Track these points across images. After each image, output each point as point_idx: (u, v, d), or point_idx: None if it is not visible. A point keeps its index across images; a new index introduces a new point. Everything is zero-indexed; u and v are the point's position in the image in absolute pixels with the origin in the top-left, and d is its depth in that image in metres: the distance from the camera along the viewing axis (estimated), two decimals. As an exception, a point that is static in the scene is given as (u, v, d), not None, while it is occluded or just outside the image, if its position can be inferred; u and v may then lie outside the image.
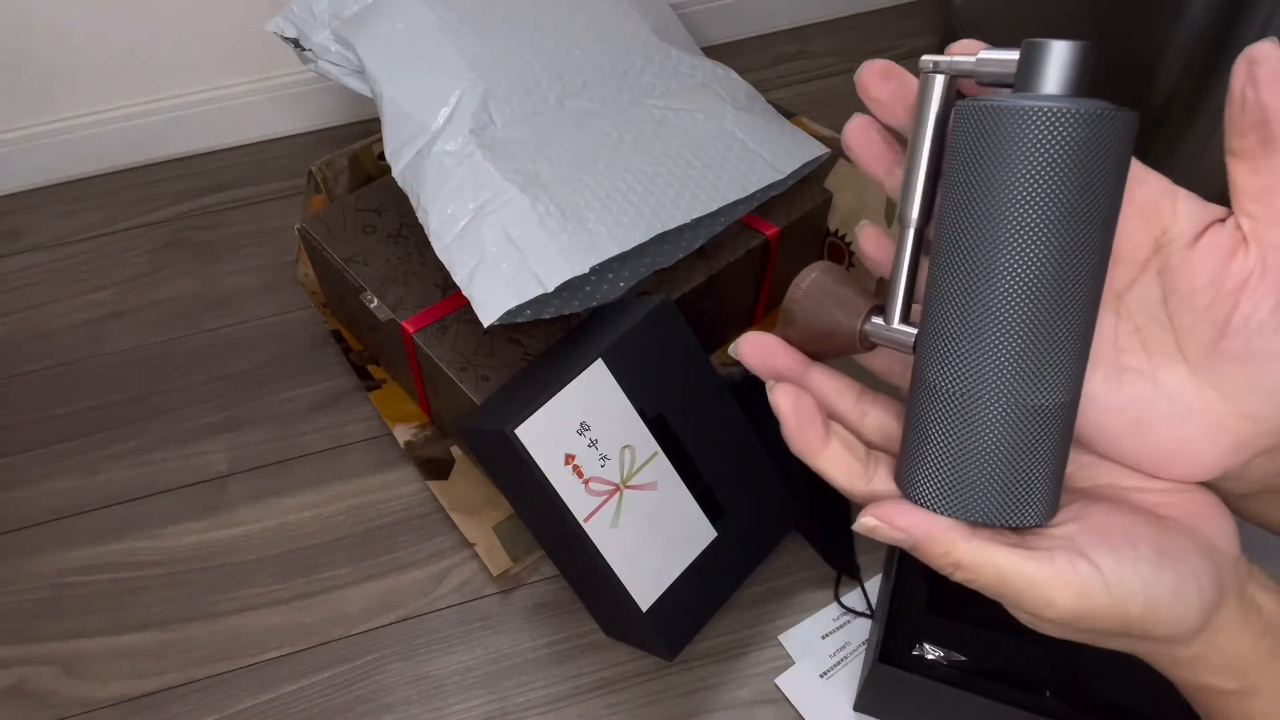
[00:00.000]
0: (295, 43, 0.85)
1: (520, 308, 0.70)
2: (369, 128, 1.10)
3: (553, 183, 0.75)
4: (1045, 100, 0.29)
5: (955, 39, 0.34)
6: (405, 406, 0.87)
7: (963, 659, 0.68)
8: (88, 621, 0.77)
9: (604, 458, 0.65)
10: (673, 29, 0.92)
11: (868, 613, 0.75)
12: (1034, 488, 0.33)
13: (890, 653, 0.67)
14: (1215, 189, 0.96)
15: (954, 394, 0.32)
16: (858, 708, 0.70)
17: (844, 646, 0.74)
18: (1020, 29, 1.02)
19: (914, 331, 0.35)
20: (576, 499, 0.64)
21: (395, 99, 0.78)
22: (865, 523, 0.35)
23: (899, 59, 1.18)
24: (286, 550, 0.80)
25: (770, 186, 0.81)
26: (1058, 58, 0.29)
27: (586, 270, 0.70)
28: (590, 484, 0.65)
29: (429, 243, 0.75)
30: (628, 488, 0.66)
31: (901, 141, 0.36)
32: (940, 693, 0.64)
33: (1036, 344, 0.31)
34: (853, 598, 0.76)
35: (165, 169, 1.09)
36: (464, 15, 0.82)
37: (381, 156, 0.90)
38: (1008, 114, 0.29)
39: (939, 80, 0.33)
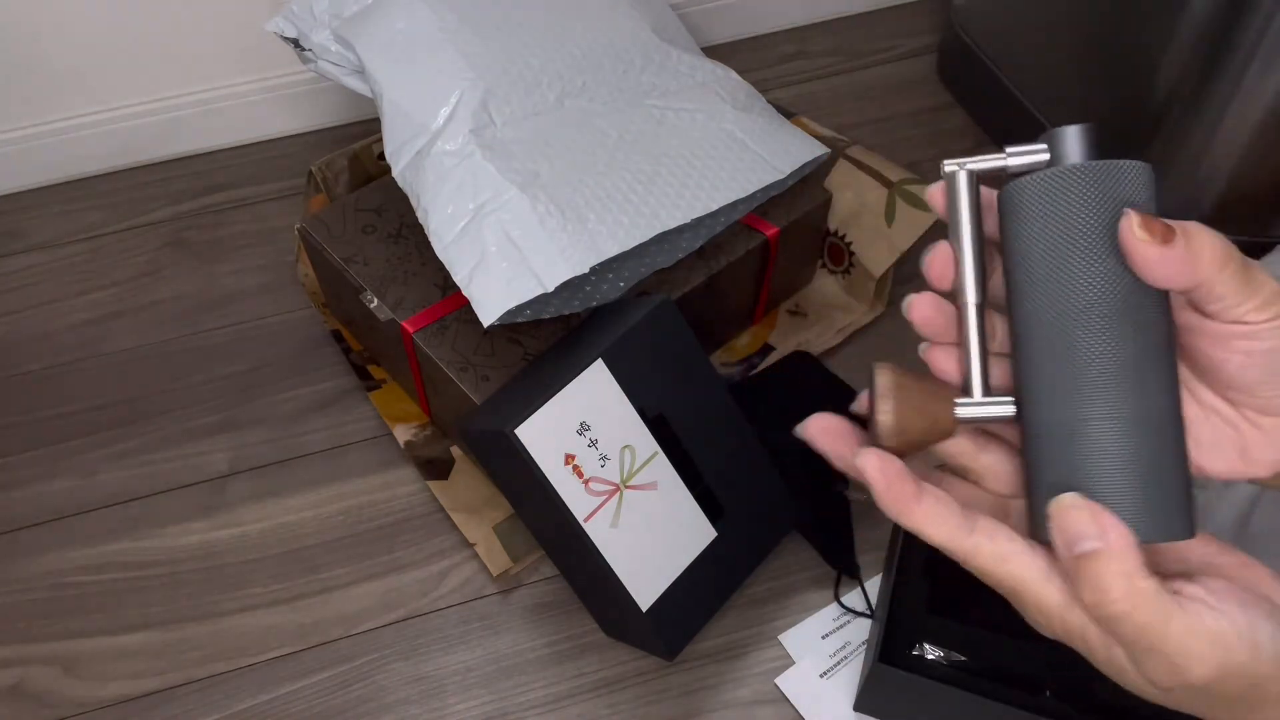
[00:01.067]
0: (295, 43, 0.85)
1: (520, 308, 0.70)
2: (369, 128, 1.10)
3: (553, 182, 0.74)
4: (1098, 162, 0.34)
5: (955, 39, 0.35)
6: (405, 406, 0.87)
7: (963, 659, 0.68)
8: (88, 621, 0.77)
9: (604, 458, 0.65)
10: (672, 29, 0.92)
11: (868, 613, 0.75)
12: (1179, 502, 0.35)
13: (890, 653, 0.67)
14: (1216, 189, 0.96)
15: (1070, 425, 0.35)
16: (858, 708, 0.70)
17: (844, 646, 0.74)
18: (1020, 29, 1.02)
19: (1007, 400, 0.37)
20: (576, 499, 0.64)
21: (395, 99, 0.78)
22: (1074, 527, 0.34)
23: (899, 59, 1.18)
24: (286, 550, 0.80)
25: (770, 186, 0.81)
26: (1084, 136, 0.36)
27: (587, 270, 0.70)
28: (590, 484, 0.65)
29: (429, 243, 0.74)
30: (628, 488, 0.66)
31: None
32: (940, 693, 0.64)
33: (1135, 356, 0.34)
34: (853, 598, 0.76)
35: (165, 169, 1.09)
36: (464, 15, 0.82)
37: (381, 156, 0.90)
38: (1080, 173, 0.34)
39: (964, 176, 0.37)
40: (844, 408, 0.47)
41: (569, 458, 0.64)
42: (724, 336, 0.90)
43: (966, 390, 0.38)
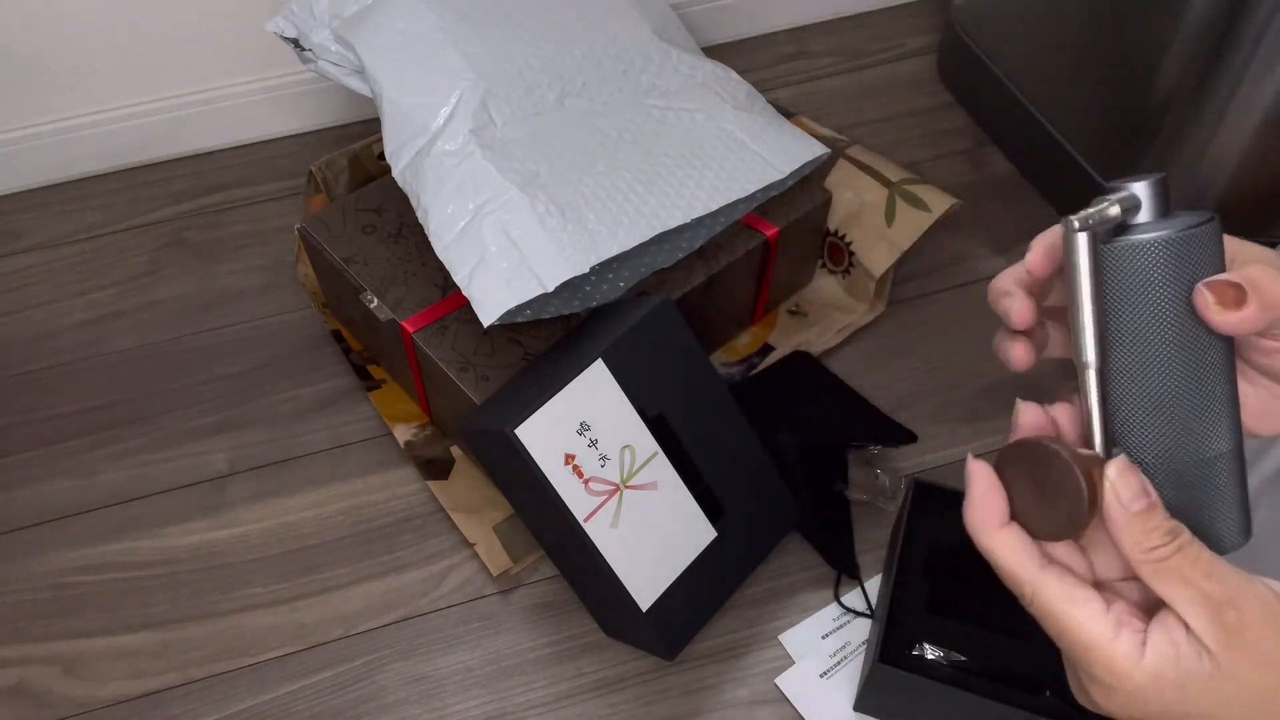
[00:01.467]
0: (295, 43, 0.85)
1: (520, 308, 0.70)
2: (369, 128, 1.10)
3: (553, 182, 0.74)
4: (1182, 234, 0.37)
5: (955, 39, 0.35)
6: (405, 406, 0.87)
7: (963, 659, 0.68)
8: (88, 621, 0.77)
9: (604, 458, 0.65)
10: (672, 28, 0.92)
11: (868, 613, 0.75)
12: (1248, 513, 0.41)
13: (890, 653, 0.67)
14: (1216, 189, 0.96)
15: (1177, 471, 0.39)
16: (858, 708, 0.70)
17: (844, 646, 0.74)
18: (1020, 29, 1.02)
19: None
20: (576, 499, 0.64)
21: (395, 99, 0.78)
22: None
23: (899, 59, 1.18)
24: (286, 550, 0.80)
25: (770, 186, 0.81)
26: (1162, 189, 0.38)
27: (586, 270, 0.70)
28: (590, 484, 0.65)
29: (429, 243, 0.74)
30: (628, 488, 0.66)
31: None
32: (940, 693, 0.64)
33: (1227, 395, 0.39)
34: (853, 598, 0.76)
35: (165, 169, 1.09)
36: (464, 14, 0.82)
37: (381, 156, 0.90)
38: (1200, 236, 0.37)
39: (1086, 238, 0.38)
40: (844, 407, 0.47)
41: (569, 458, 0.64)
42: (724, 336, 0.90)
43: (1100, 450, 0.40)
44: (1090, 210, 0.38)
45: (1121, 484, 0.36)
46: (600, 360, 0.65)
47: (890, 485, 0.80)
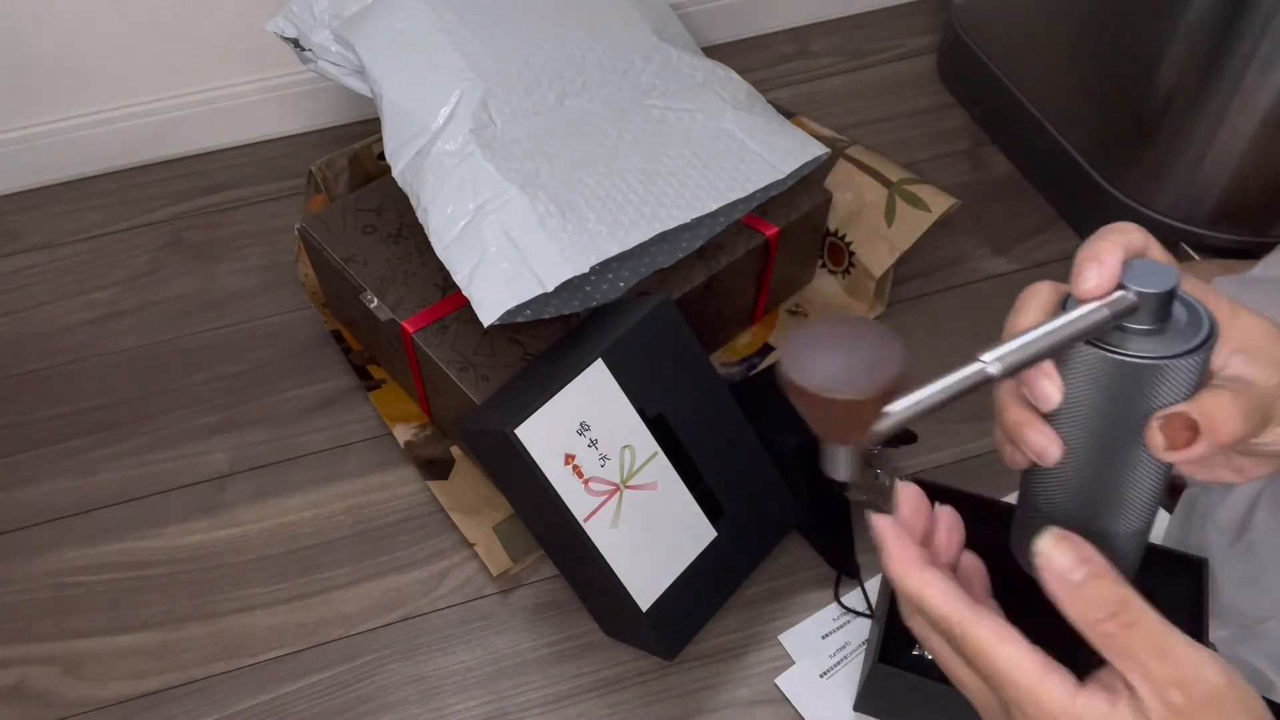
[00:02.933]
0: (295, 43, 0.85)
1: (520, 308, 0.70)
2: (369, 128, 1.10)
3: (553, 182, 0.74)
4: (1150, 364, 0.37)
5: (955, 39, 0.35)
6: (405, 406, 0.87)
7: (963, 659, 0.68)
8: (88, 621, 0.77)
9: (604, 457, 0.65)
10: (672, 29, 0.92)
11: (868, 613, 0.75)
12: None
13: (890, 653, 0.67)
14: (1216, 189, 0.96)
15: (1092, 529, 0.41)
16: (858, 708, 0.70)
17: (844, 646, 0.74)
18: (1020, 29, 1.02)
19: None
20: (576, 499, 0.64)
21: (395, 99, 0.78)
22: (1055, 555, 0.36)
23: (899, 59, 1.18)
24: (286, 550, 0.80)
25: (770, 186, 0.81)
26: (1161, 303, 0.37)
27: (587, 270, 0.70)
28: (590, 484, 0.65)
29: (429, 243, 0.74)
30: (628, 488, 0.66)
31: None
32: (940, 693, 0.64)
33: (1154, 485, 0.42)
34: (853, 598, 0.76)
35: (165, 169, 1.09)
36: (464, 14, 0.82)
37: (381, 156, 0.90)
38: (1178, 368, 0.37)
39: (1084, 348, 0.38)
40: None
41: (569, 458, 0.64)
42: (724, 337, 0.90)
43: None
44: (1081, 321, 0.37)
45: (1059, 555, 0.36)
46: (600, 360, 0.65)
47: (890, 485, 0.80)
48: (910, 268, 0.94)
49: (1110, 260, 0.37)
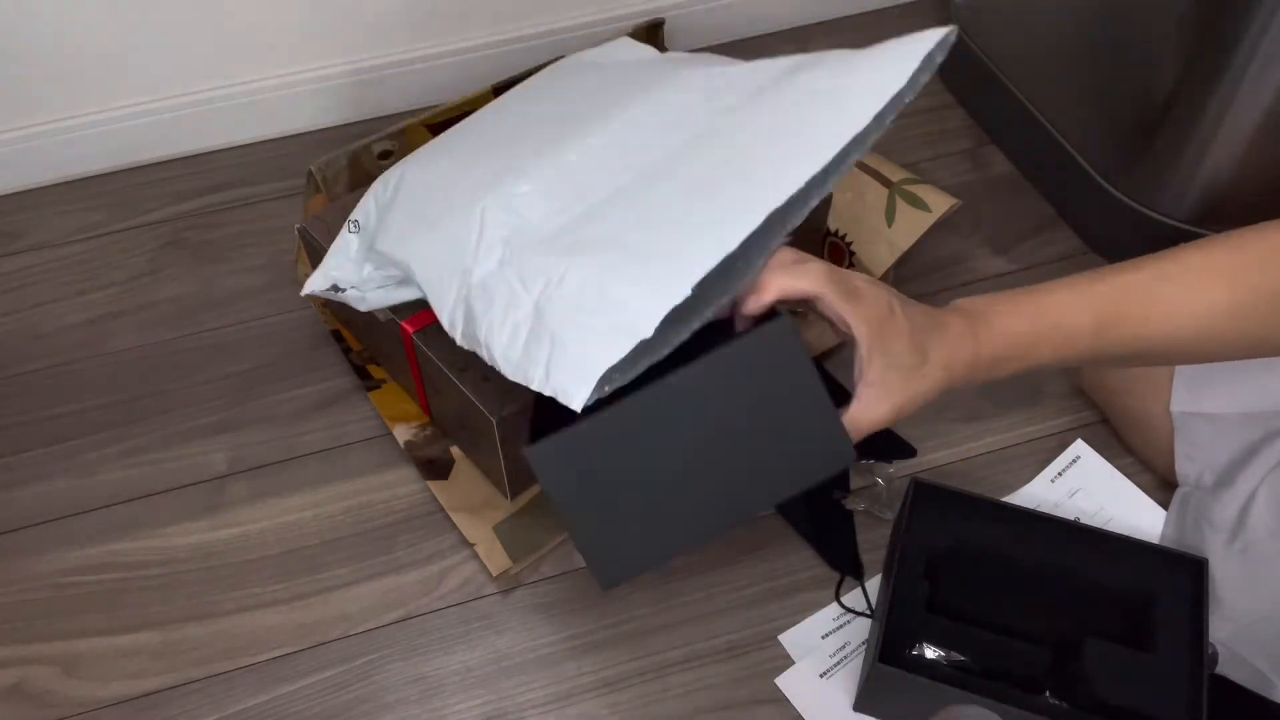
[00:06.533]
0: (333, 289, 0.78)
1: (613, 371, 0.57)
2: (369, 128, 1.10)
3: (613, 229, 0.65)
4: None
5: (956, 39, 0.34)
6: (405, 406, 0.87)
7: (963, 659, 0.68)
8: (88, 621, 0.77)
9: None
10: (706, 58, 0.82)
11: (868, 613, 0.75)
12: None
13: (890, 653, 0.67)
14: (1216, 189, 0.96)
15: None
16: (857, 708, 0.70)
17: (844, 646, 0.74)
18: (1020, 29, 1.02)
19: None
20: None
21: (425, 267, 0.70)
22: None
23: (899, 59, 1.18)
24: (286, 550, 0.80)
25: (886, 108, 0.65)
26: None
27: (689, 291, 0.58)
28: None
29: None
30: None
31: None
32: (940, 693, 0.64)
33: None
34: (853, 598, 0.76)
35: (165, 169, 1.09)
36: (476, 153, 0.75)
37: (382, 156, 0.90)
38: None
39: None
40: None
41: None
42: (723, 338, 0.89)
43: None
44: None
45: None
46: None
47: (888, 495, 0.80)
48: (910, 268, 0.94)
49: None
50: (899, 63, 0.67)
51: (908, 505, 0.72)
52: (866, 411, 0.56)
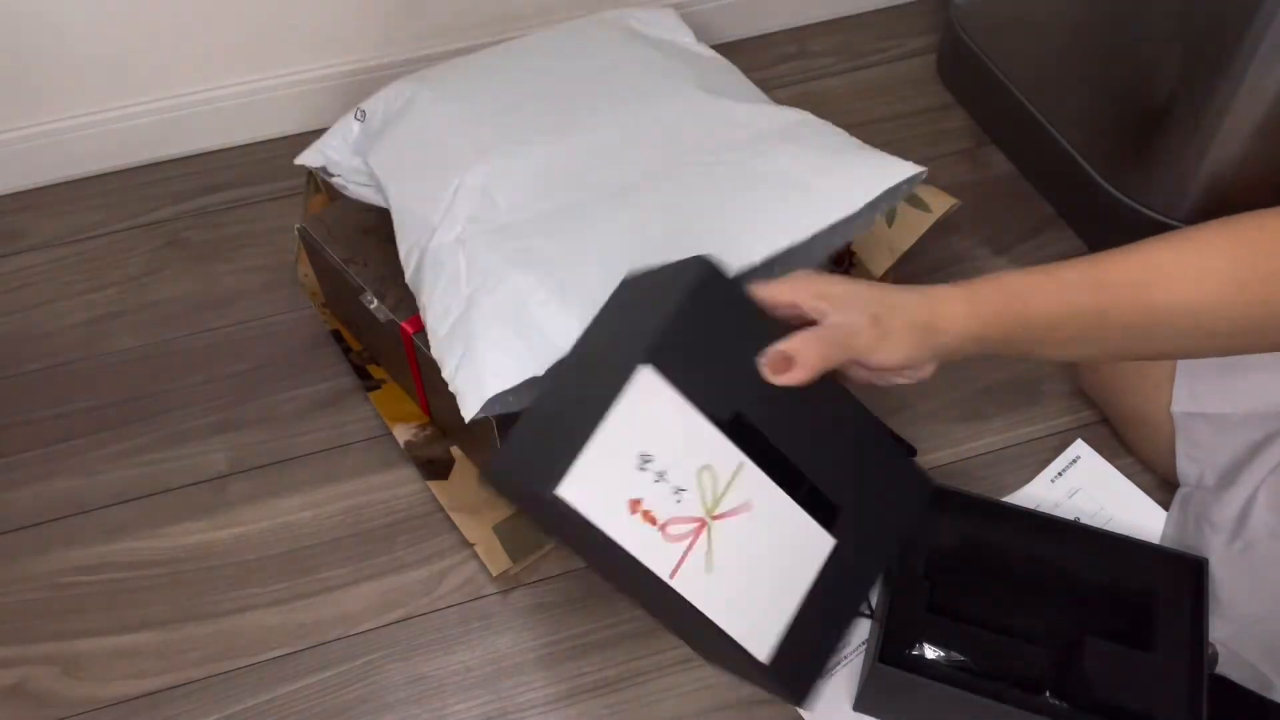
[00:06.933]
0: (324, 170, 0.82)
1: (507, 394, 0.63)
2: (369, 128, 1.10)
3: (558, 254, 0.68)
4: None
5: (955, 39, 0.34)
6: (405, 406, 0.87)
7: (963, 659, 0.68)
8: (88, 621, 0.77)
9: (678, 490, 0.52)
10: (724, 79, 0.85)
11: (868, 613, 0.75)
12: None
13: (890, 653, 0.67)
14: (1216, 189, 0.96)
15: None
16: (857, 708, 0.70)
17: (844, 646, 0.74)
18: (1020, 29, 1.02)
19: None
20: (655, 551, 0.51)
21: (401, 204, 0.75)
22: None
23: (899, 59, 1.18)
24: (286, 550, 0.80)
25: (843, 223, 0.70)
26: None
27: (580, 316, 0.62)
28: (668, 528, 0.52)
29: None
30: (716, 519, 0.53)
31: None
32: (940, 693, 0.64)
33: None
34: (853, 598, 0.76)
35: (165, 169, 1.09)
36: (480, 104, 0.78)
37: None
38: None
39: None
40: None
41: (634, 504, 0.51)
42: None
43: None
44: None
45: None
46: (647, 367, 0.51)
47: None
48: (910, 268, 0.94)
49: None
50: (865, 185, 0.72)
51: (908, 505, 0.72)
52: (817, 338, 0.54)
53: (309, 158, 0.82)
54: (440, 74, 0.83)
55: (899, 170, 0.73)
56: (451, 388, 0.65)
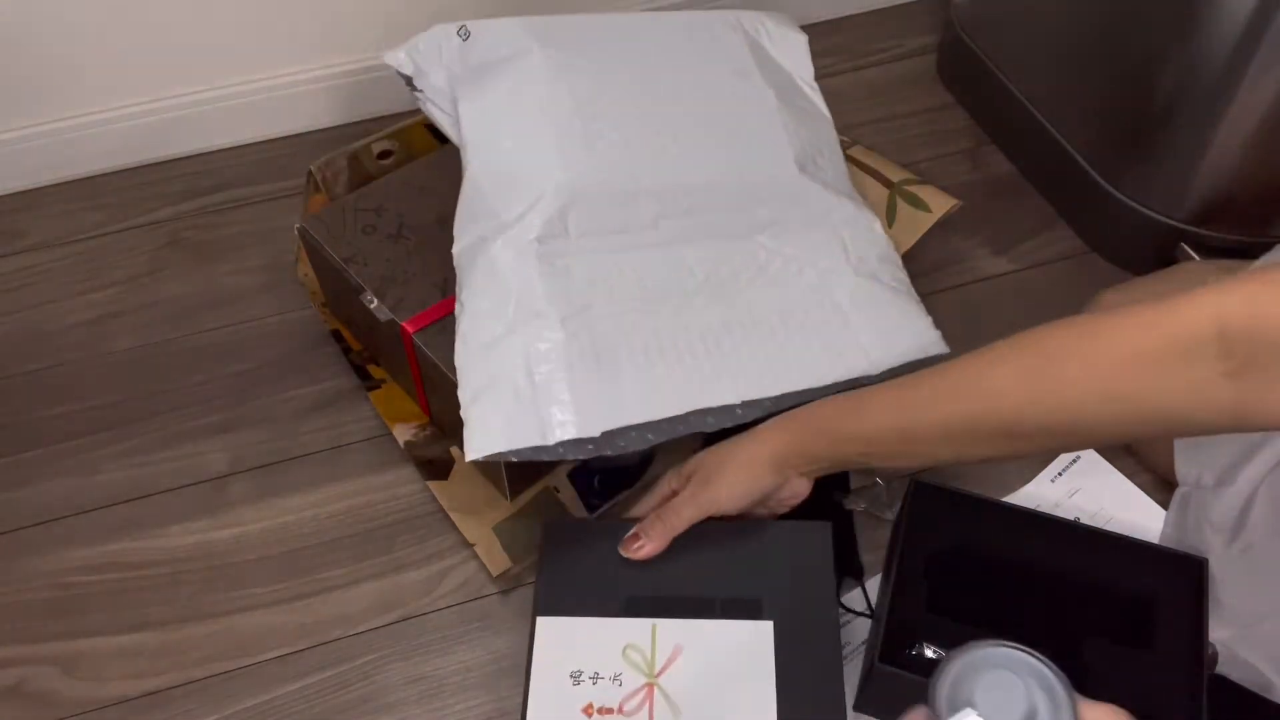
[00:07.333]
0: (409, 80, 0.79)
1: (509, 453, 0.65)
2: (369, 128, 1.10)
3: (604, 320, 0.68)
4: None
5: (955, 39, 0.34)
6: (405, 406, 0.87)
7: (963, 659, 0.68)
8: (88, 621, 0.77)
9: (615, 677, 0.60)
10: (825, 158, 0.84)
11: (868, 613, 0.75)
12: None
13: (890, 653, 0.67)
14: (1216, 189, 0.96)
15: None
16: (857, 708, 0.70)
17: (844, 646, 0.74)
18: (1020, 29, 1.02)
19: None
20: None
21: (477, 177, 0.73)
22: None
23: (899, 59, 1.18)
24: (286, 550, 0.80)
25: (857, 380, 0.72)
26: None
27: (597, 434, 0.65)
28: (624, 707, 0.59)
29: (428, 242, 0.74)
30: (659, 675, 0.60)
31: None
32: (940, 693, 0.64)
33: None
34: (853, 598, 0.76)
35: (165, 169, 1.09)
36: (584, 97, 0.75)
37: (381, 156, 0.90)
38: None
39: None
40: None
41: (588, 709, 0.59)
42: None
43: None
44: None
45: None
46: (541, 618, 0.63)
47: (888, 495, 0.80)
48: (911, 268, 0.94)
49: None
50: (891, 348, 0.74)
51: (908, 505, 0.72)
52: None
53: (397, 59, 0.77)
54: (554, 33, 0.79)
55: (926, 342, 0.75)
56: (463, 413, 0.66)
